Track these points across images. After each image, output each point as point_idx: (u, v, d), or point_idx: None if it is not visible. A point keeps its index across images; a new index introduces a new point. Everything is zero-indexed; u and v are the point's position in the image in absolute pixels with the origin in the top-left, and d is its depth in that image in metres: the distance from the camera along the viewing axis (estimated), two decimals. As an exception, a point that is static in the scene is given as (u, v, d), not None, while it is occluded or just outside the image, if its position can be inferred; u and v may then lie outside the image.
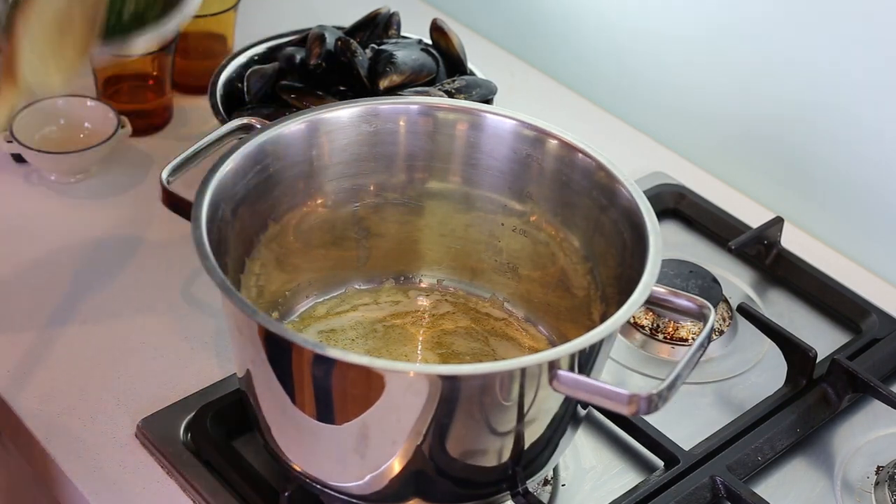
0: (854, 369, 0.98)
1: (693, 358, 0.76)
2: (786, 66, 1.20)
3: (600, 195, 0.89)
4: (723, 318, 1.07)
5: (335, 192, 0.93)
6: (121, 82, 1.25)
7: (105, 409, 0.94)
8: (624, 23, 1.34)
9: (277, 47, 1.18)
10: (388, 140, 0.93)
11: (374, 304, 0.97)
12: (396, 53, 1.10)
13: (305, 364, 0.75)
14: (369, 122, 0.92)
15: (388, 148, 0.93)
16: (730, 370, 1.04)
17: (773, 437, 0.95)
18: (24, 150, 1.14)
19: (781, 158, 1.23)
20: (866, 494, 0.94)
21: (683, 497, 0.89)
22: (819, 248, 1.19)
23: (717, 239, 1.17)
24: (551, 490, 0.91)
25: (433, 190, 0.95)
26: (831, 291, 1.11)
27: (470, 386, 0.75)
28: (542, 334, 0.96)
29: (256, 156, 0.87)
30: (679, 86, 1.31)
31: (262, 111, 1.08)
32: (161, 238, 1.12)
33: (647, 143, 1.32)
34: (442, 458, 0.78)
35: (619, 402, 0.72)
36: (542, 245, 0.94)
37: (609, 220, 0.88)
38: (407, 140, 0.94)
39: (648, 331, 1.05)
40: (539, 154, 0.92)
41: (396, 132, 0.93)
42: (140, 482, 0.89)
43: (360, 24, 1.18)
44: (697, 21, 1.27)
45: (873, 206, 1.17)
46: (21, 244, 1.10)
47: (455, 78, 1.13)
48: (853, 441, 0.98)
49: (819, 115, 1.18)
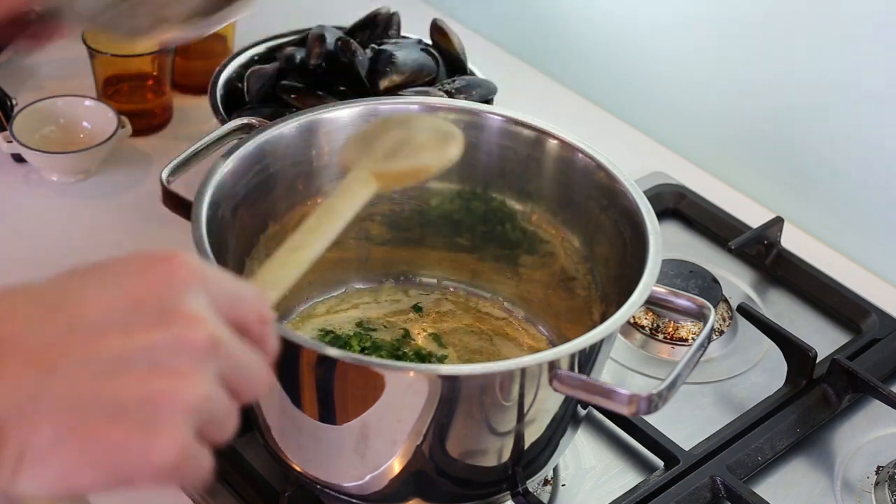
0: (854, 369, 0.98)
1: (693, 358, 0.76)
2: (786, 66, 1.20)
3: (600, 195, 0.89)
4: (723, 318, 1.07)
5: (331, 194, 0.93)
6: (121, 82, 1.25)
7: (105, 409, 0.94)
8: (624, 23, 1.34)
9: (277, 47, 1.18)
10: None
11: (374, 303, 0.97)
12: (396, 53, 1.10)
13: (305, 364, 0.75)
14: (369, 121, 0.92)
15: None
16: (730, 370, 1.04)
17: (773, 437, 0.95)
18: (24, 150, 1.14)
19: (781, 158, 1.23)
20: (866, 494, 0.94)
21: (683, 497, 0.90)
22: (819, 248, 1.19)
23: (717, 239, 1.17)
24: (551, 490, 0.91)
25: (433, 190, 0.95)
26: (831, 291, 1.11)
27: (470, 386, 0.75)
28: (543, 334, 0.96)
29: (256, 156, 0.87)
30: (679, 86, 1.31)
31: (262, 111, 1.08)
32: (161, 238, 1.12)
33: (647, 143, 1.32)
34: (442, 458, 0.78)
35: (619, 402, 0.72)
36: (542, 245, 0.94)
37: (609, 220, 0.88)
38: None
39: (648, 331, 1.05)
40: (539, 154, 0.92)
41: None
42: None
43: (360, 24, 1.18)
44: (698, 21, 1.27)
45: (873, 206, 1.17)
46: (21, 244, 1.10)
47: (455, 78, 1.13)
48: (853, 441, 0.98)
49: (819, 115, 1.18)
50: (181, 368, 0.53)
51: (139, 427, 0.52)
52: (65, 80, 1.29)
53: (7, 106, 1.19)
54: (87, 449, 0.52)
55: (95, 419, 0.52)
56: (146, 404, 0.52)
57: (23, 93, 1.25)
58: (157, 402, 0.52)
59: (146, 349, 0.53)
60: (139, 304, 0.54)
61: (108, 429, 0.52)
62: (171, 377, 0.53)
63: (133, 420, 0.52)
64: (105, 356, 0.53)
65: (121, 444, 0.52)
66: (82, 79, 1.26)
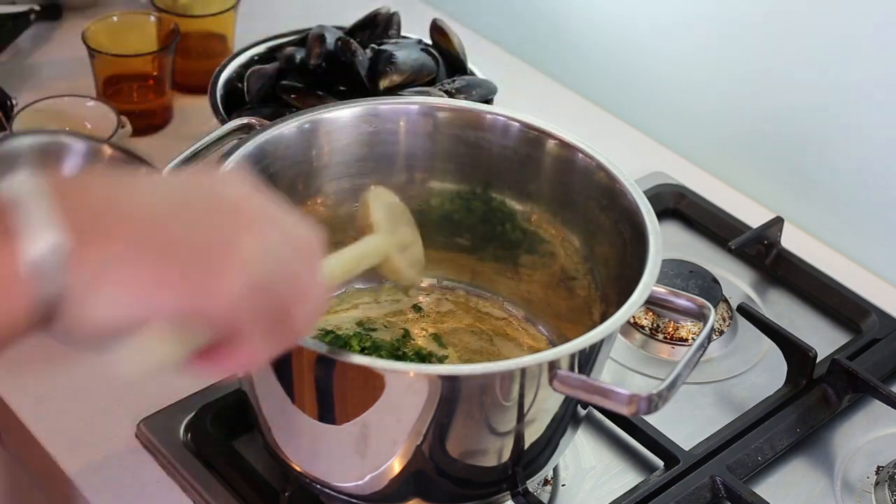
0: (854, 369, 0.98)
1: (693, 358, 0.76)
2: (786, 66, 1.20)
3: (600, 195, 0.89)
4: (723, 318, 1.07)
5: (335, 192, 0.93)
6: (121, 82, 1.25)
7: (105, 409, 0.94)
8: (624, 23, 1.34)
9: (277, 47, 1.18)
10: (388, 140, 0.93)
11: (374, 303, 0.97)
12: (396, 53, 1.10)
13: (306, 364, 0.75)
14: (369, 122, 0.92)
15: (388, 148, 0.93)
16: (730, 370, 1.04)
17: (773, 437, 0.95)
18: (24, 150, 1.14)
19: (781, 158, 1.23)
20: (866, 494, 0.94)
21: (683, 497, 0.90)
22: (819, 248, 1.19)
23: (717, 239, 1.17)
24: (551, 490, 0.91)
25: (433, 190, 0.95)
26: (831, 291, 1.11)
27: (470, 386, 0.75)
28: (543, 334, 0.96)
29: (256, 156, 0.87)
30: (679, 86, 1.31)
31: (262, 111, 1.08)
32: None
33: (647, 143, 1.32)
34: (442, 458, 0.78)
35: (619, 401, 0.72)
36: (542, 245, 0.94)
37: (609, 221, 0.88)
38: (407, 140, 0.93)
39: (648, 331, 1.05)
40: (539, 154, 0.92)
41: (396, 132, 0.93)
42: (140, 482, 0.89)
43: (360, 24, 1.18)
44: (698, 21, 1.27)
45: (873, 206, 1.17)
46: (21, 244, 1.09)
47: (455, 78, 1.13)
48: (853, 441, 0.98)
49: (819, 115, 1.18)
50: (255, 248, 0.58)
51: (212, 256, 0.56)
52: (65, 80, 1.30)
53: (7, 106, 1.19)
54: (163, 267, 0.55)
55: (174, 239, 0.56)
56: (222, 245, 0.57)
57: (23, 93, 1.25)
58: (231, 247, 0.57)
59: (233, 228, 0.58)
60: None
61: (184, 249, 0.56)
62: (247, 241, 0.58)
63: (207, 250, 0.56)
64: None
65: (195, 265, 0.56)
66: (82, 79, 1.26)
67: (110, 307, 0.54)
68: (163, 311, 0.56)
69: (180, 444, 0.91)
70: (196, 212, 0.58)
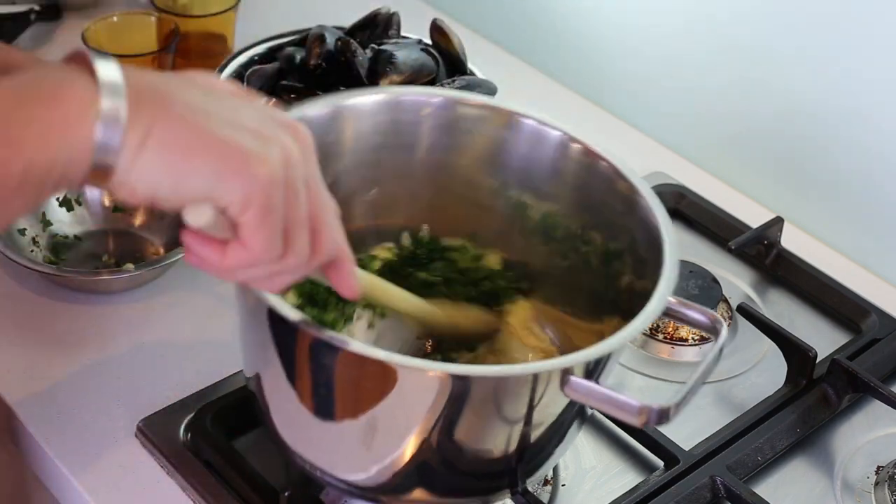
0: (854, 369, 0.99)
1: (706, 373, 0.75)
2: (786, 67, 1.20)
3: (618, 203, 0.87)
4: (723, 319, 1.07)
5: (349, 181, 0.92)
6: (121, 82, 1.25)
7: (105, 409, 0.94)
8: (624, 23, 1.34)
9: (277, 47, 1.18)
10: (407, 131, 0.92)
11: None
12: (396, 53, 1.10)
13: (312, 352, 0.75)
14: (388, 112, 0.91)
15: (406, 139, 0.92)
16: (730, 370, 1.04)
17: (773, 437, 0.96)
18: (24, 150, 1.14)
19: (781, 158, 1.23)
20: (866, 494, 0.94)
21: (683, 497, 0.90)
22: (819, 248, 1.19)
23: (717, 239, 1.17)
24: (551, 490, 0.91)
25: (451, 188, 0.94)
26: (831, 291, 1.11)
27: (481, 387, 0.74)
28: (546, 335, 0.95)
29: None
30: (679, 86, 1.31)
31: (262, 111, 1.08)
32: (161, 238, 1.12)
33: (647, 143, 1.32)
34: (445, 454, 0.78)
35: (629, 412, 0.72)
36: (556, 246, 0.93)
37: (625, 229, 0.87)
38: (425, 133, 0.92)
39: (648, 331, 1.05)
40: (559, 157, 0.91)
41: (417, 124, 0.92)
42: (140, 482, 0.89)
43: (360, 24, 1.17)
44: (698, 21, 1.27)
45: (873, 206, 1.17)
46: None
47: (455, 78, 1.13)
48: (853, 441, 0.98)
49: (819, 114, 1.18)
50: (283, 155, 0.65)
51: (242, 145, 0.62)
52: (65, 80, 1.29)
53: (7, 106, 1.19)
54: (205, 137, 0.61)
55: (215, 116, 0.63)
56: (256, 139, 0.63)
57: (23, 93, 1.25)
58: (268, 142, 0.64)
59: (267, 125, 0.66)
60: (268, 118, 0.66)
61: (225, 125, 0.62)
62: (283, 137, 0.65)
63: (239, 139, 0.62)
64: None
65: (234, 138, 0.62)
66: (82, 79, 1.25)
67: (149, 172, 0.61)
68: (192, 184, 0.61)
69: (180, 444, 0.91)
70: (237, 111, 0.64)
